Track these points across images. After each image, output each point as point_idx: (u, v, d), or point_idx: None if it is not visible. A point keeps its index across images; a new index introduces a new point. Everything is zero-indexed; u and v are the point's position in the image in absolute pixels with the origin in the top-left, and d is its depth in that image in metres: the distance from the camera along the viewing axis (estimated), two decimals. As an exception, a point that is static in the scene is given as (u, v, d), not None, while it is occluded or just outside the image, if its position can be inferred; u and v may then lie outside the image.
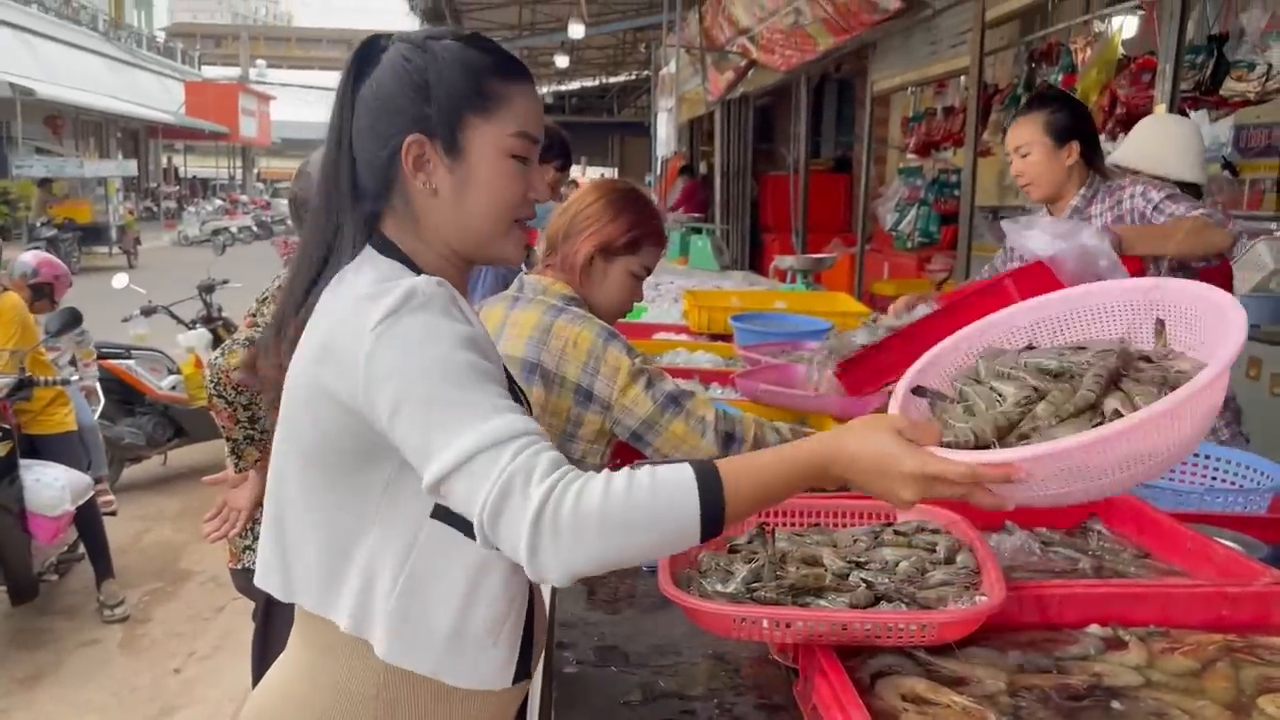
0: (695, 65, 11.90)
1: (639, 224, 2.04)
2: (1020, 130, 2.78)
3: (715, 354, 3.50)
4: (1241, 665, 1.28)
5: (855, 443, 1.08)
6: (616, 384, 1.86)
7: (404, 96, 1.19)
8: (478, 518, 1.02)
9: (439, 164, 1.20)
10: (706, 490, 1.03)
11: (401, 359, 1.06)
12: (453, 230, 1.23)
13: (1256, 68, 4.74)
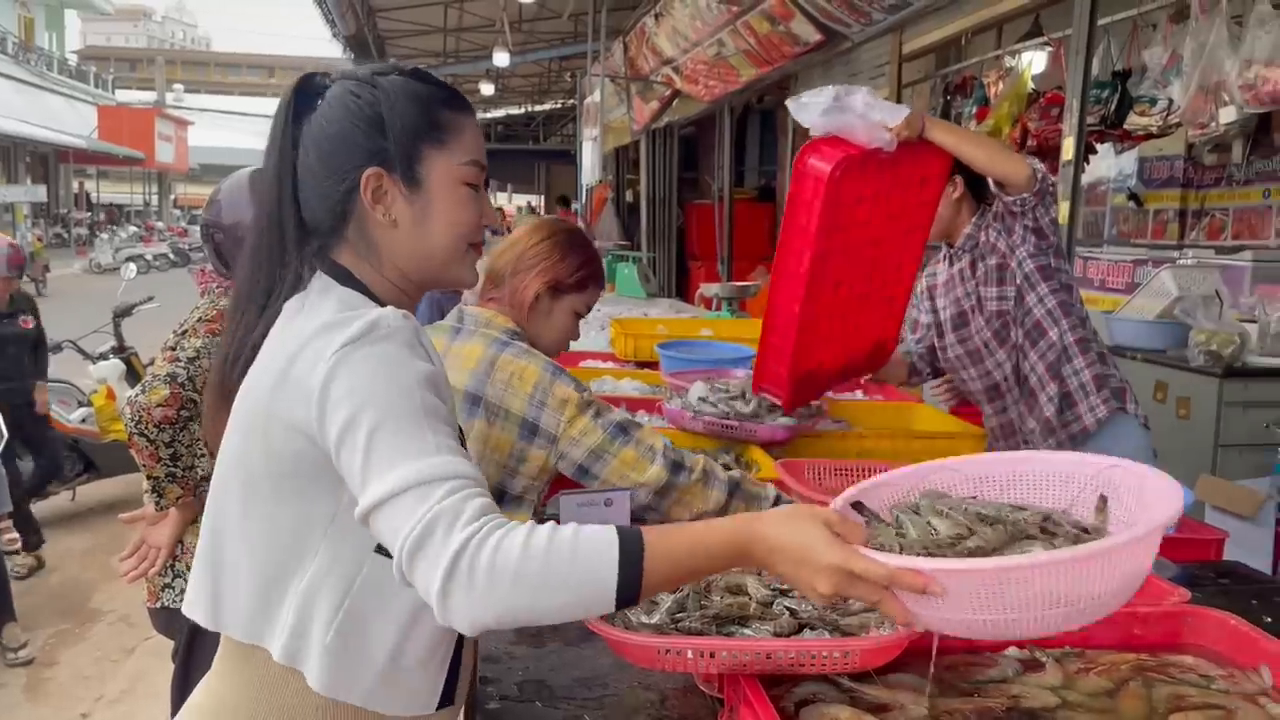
0: (620, 94, 12.01)
1: (586, 264, 2.09)
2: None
3: (642, 381, 3.51)
4: (1153, 684, 1.31)
5: (780, 529, 1.08)
6: (564, 415, 1.86)
7: (359, 131, 1.21)
8: (397, 553, 1.02)
9: (398, 196, 1.23)
10: (626, 560, 1.03)
11: (357, 385, 1.07)
12: (411, 259, 1.26)
13: (1158, 102, 4.94)
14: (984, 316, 2.78)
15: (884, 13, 6.23)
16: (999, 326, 2.77)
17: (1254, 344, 4.29)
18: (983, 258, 2.75)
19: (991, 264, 2.73)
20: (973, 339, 2.83)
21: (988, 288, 2.76)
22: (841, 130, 2.20)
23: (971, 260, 2.79)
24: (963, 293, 2.82)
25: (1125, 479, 1.22)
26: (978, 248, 2.77)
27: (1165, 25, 4.99)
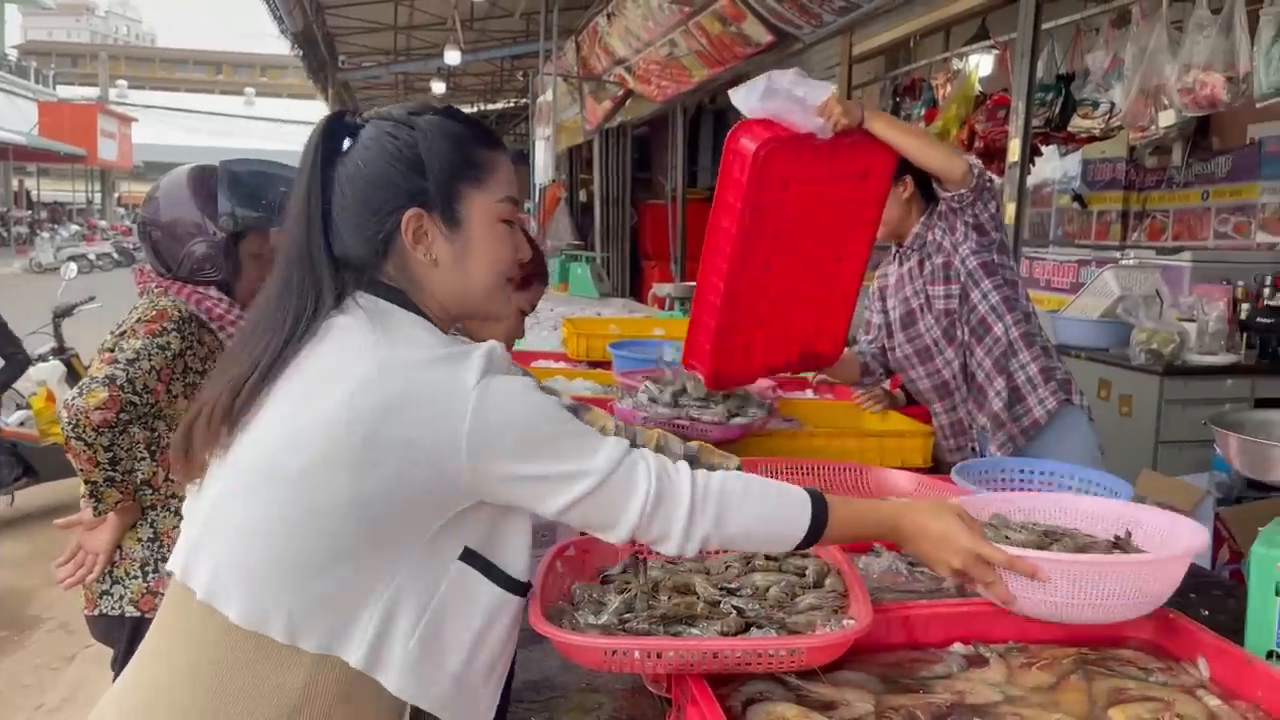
0: (573, 94, 11.97)
1: (530, 262, 2.05)
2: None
3: (594, 381, 3.50)
4: (1094, 677, 1.33)
5: (928, 517, 1.34)
6: None
7: (397, 173, 1.24)
8: (636, 515, 1.18)
9: (438, 235, 1.26)
10: (818, 510, 1.27)
11: (517, 407, 1.16)
12: (451, 295, 1.29)
13: (1100, 106, 5.03)
14: (932, 315, 2.81)
15: (834, 14, 6.28)
16: (946, 325, 2.79)
17: (1193, 342, 4.39)
18: (929, 256, 2.78)
19: (938, 262, 2.75)
20: (922, 338, 2.85)
21: (935, 286, 2.78)
22: (778, 115, 2.23)
23: (919, 259, 2.81)
24: (911, 292, 2.84)
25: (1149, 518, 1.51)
26: (924, 246, 2.79)
27: (1107, 30, 5.09)
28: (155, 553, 2.21)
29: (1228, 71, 4.03)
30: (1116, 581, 1.32)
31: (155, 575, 2.20)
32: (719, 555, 1.56)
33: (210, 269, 2.25)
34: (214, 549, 1.19)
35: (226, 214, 2.22)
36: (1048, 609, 1.36)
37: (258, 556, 1.16)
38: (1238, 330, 4.50)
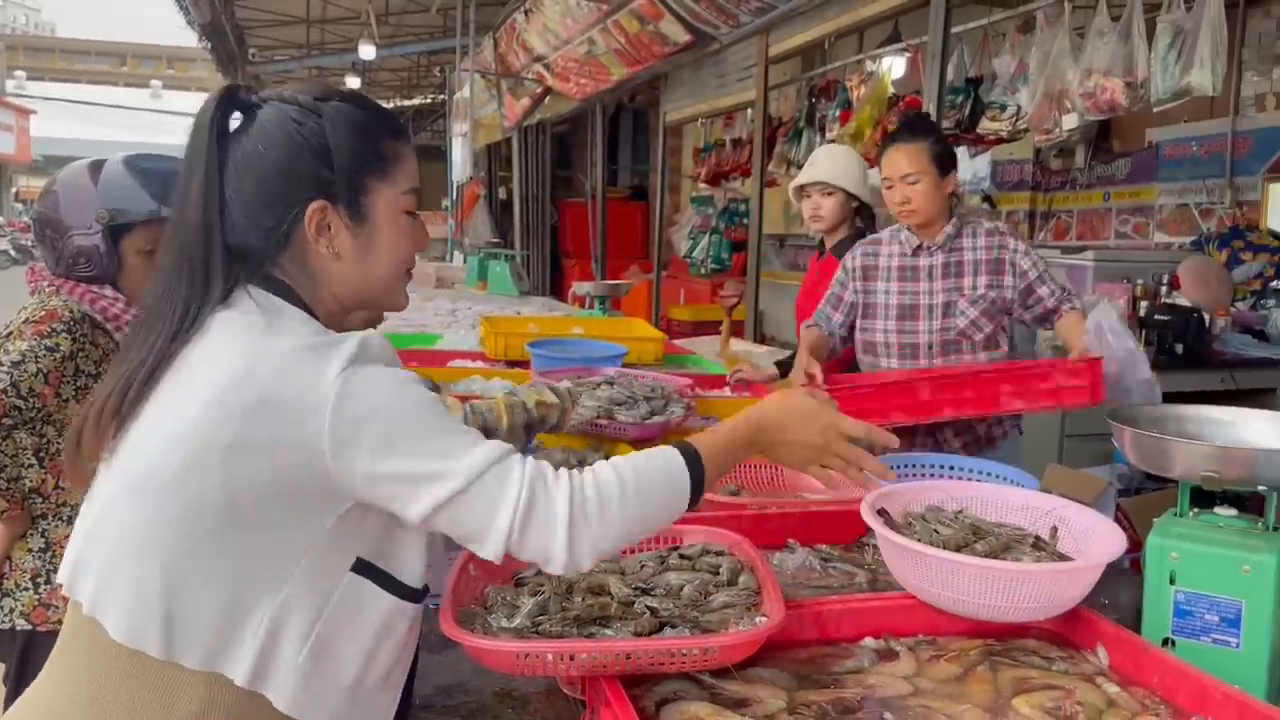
0: (491, 91, 11.87)
1: None
2: (904, 158, 2.76)
3: (512, 381, 3.46)
4: (999, 668, 1.36)
5: (783, 404, 1.32)
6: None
7: (303, 162, 1.19)
8: (506, 526, 1.09)
9: (342, 228, 1.21)
10: (692, 465, 1.21)
11: (377, 403, 1.09)
12: (350, 288, 1.25)
13: (1008, 108, 5.16)
14: (937, 322, 2.83)
15: (751, 15, 6.33)
16: (954, 338, 2.84)
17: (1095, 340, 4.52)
18: (963, 272, 2.82)
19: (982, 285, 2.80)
20: (917, 335, 2.87)
21: (970, 305, 2.81)
22: None
23: (944, 261, 2.84)
24: (925, 289, 2.86)
25: (1074, 515, 1.56)
26: (953, 252, 2.83)
27: (1013, 35, 5.23)
28: (47, 563, 2.12)
29: (1126, 77, 4.17)
30: (1035, 587, 1.35)
31: (47, 587, 2.11)
32: (634, 554, 1.55)
33: (85, 263, 2.13)
34: (98, 558, 1.13)
35: (106, 207, 2.12)
36: (964, 608, 1.40)
37: (135, 565, 1.09)
38: (1138, 327, 4.66)
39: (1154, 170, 6.91)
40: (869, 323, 2.95)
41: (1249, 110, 6.32)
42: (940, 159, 2.77)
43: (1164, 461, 1.41)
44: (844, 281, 2.99)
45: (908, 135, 2.80)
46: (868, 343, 2.97)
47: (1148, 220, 6.98)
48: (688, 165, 10.30)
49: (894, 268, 2.90)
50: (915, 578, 1.43)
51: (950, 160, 2.80)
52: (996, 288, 2.81)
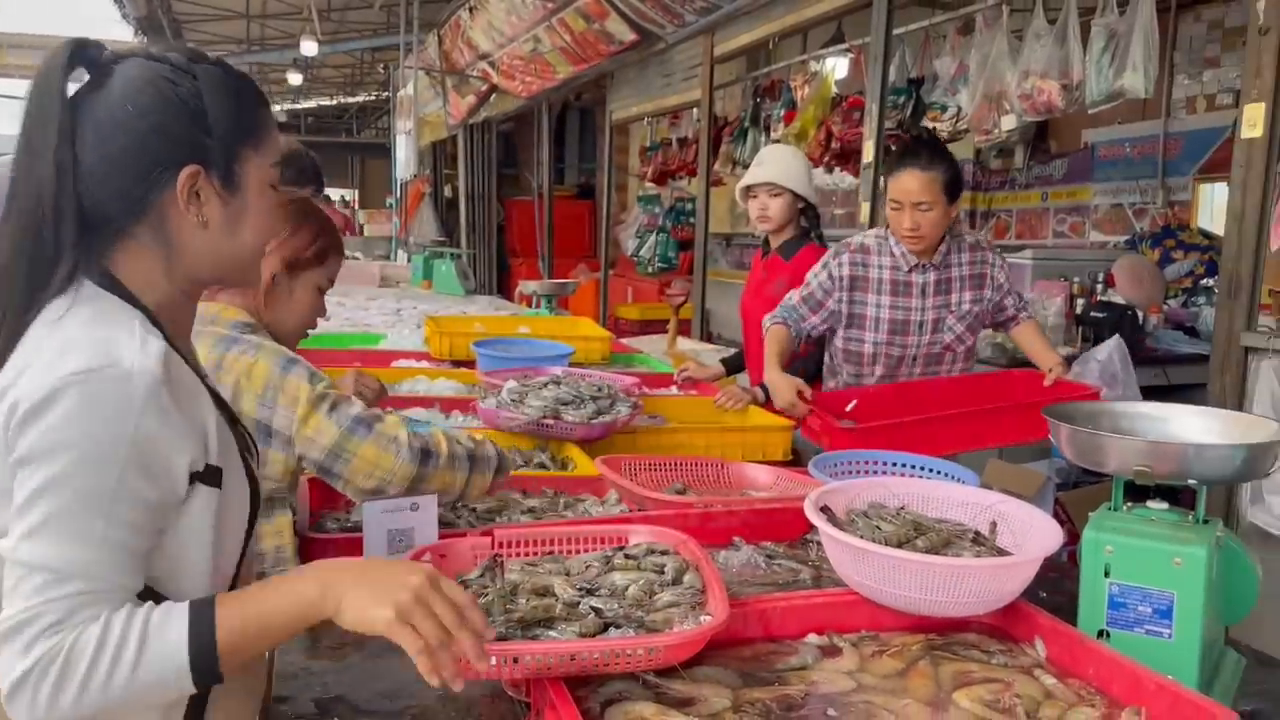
0: (436, 88, 11.78)
1: (323, 234, 1.94)
2: (917, 184, 2.73)
3: (457, 381, 3.44)
4: (940, 662, 1.38)
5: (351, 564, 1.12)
6: (296, 414, 1.70)
7: (179, 124, 1.11)
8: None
9: (213, 196, 1.14)
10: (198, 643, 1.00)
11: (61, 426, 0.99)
12: (213, 261, 1.17)
13: (948, 109, 5.24)
14: (926, 337, 2.91)
15: (696, 15, 6.36)
16: (939, 351, 2.94)
17: (1034, 336, 4.61)
18: (952, 289, 2.90)
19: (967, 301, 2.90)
20: (906, 349, 2.93)
21: (957, 320, 2.91)
22: None
23: (936, 279, 2.89)
24: (917, 305, 2.90)
25: (1013, 511, 1.58)
26: (948, 269, 2.90)
27: (953, 37, 5.31)
28: None
29: (1062, 79, 4.25)
30: (974, 582, 1.37)
31: None
32: (579, 554, 1.55)
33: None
34: None
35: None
36: (906, 604, 1.41)
37: None
38: (1075, 324, 4.76)
39: (1089, 171, 7.07)
40: (856, 333, 2.95)
41: (1180, 112, 6.49)
42: (950, 186, 2.76)
43: (1098, 457, 1.44)
44: (829, 289, 2.94)
45: (924, 161, 2.75)
46: (852, 352, 2.98)
47: (1084, 220, 7.13)
48: (634, 164, 10.32)
49: (885, 281, 2.90)
50: (857, 574, 1.44)
51: (958, 186, 2.81)
52: (979, 302, 2.92)
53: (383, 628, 1.04)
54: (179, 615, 1.01)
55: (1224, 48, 6.12)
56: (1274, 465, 1.41)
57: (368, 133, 24.03)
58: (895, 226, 2.83)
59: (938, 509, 1.67)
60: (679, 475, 2.30)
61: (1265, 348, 3.06)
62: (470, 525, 1.95)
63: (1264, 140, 3.07)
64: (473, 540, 1.56)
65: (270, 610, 1.05)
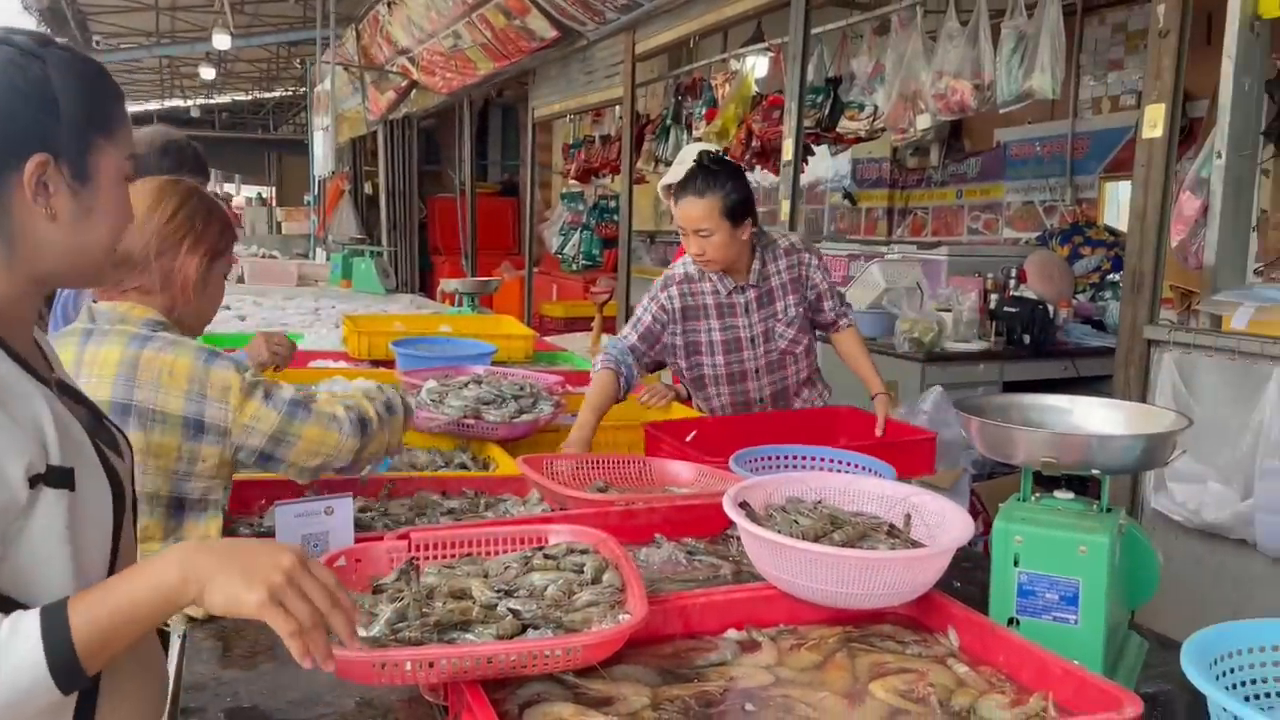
0: (354, 83, 11.58)
1: (225, 221, 1.90)
2: (696, 212, 2.73)
3: (376, 381, 3.38)
4: (857, 654, 1.39)
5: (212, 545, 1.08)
6: (230, 403, 1.67)
7: (27, 111, 1.05)
8: None
9: (62, 187, 1.08)
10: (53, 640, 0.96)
11: None
12: (59, 257, 1.11)
13: (865, 108, 5.33)
14: (760, 349, 2.96)
15: (617, 12, 6.35)
16: (777, 358, 2.98)
17: (950, 331, 4.72)
18: (774, 299, 2.95)
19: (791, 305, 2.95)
20: (745, 364, 2.97)
21: (786, 326, 2.96)
22: None
23: (757, 295, 2.93)
24: (744, 323, 2.94)
25: (927, 503, 1.61)
26: (767, 281, 2.94)
27: (870, 37, 5.39)
28: None
29: (974, 79, 4.36)
30: (888, 574, 1.39)
31: None
32: (498, 555, 1.53)
33: None
34: None
35: None
36: (823, 597, 1.43)
37: None
38: (988, 319, 4.88)
39: (1002, 169, 7.25)
40: (696, 359, 2.98)
41: (1086, 113, 6.69)
42: (733, 211, 2.73)
43: (1007, 449, 1.47)
44: (664, 323, 2.92)
45: (699, 188, 2.74)
46: (698, 378, 3.02)
47: (997, 217, 7.31)
48: (558, 161, 10.28)
49: (712, 306, 2.93)
50: (775, 568, 1.45)
51: (745, 207, 2.77)
52: (802, 303, 2.98)
53: (253, 610, 1.01)
54: (30, 620, 0.96)
55: (1127, 50, 6.33)
56: (1172, 454, 1.46)
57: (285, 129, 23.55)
58: (687, 250, 2.86)
59: (854, 502, 1.69)
60: (601, 473, 2.30)
61: (1167, 340, 3.17)
62: (388, 528, 1.92)
63: (1164, 140, 3.18)
64: (389, 543, 1.53)
65: (128, 601, 1.00)
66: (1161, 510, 3.15)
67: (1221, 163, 3.10)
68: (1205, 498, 3.00)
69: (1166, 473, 3.10)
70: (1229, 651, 1.23)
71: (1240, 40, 3.03)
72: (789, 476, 1.81)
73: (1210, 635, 1.24)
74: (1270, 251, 5.36)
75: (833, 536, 1.51)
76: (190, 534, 1.71)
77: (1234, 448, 2.92)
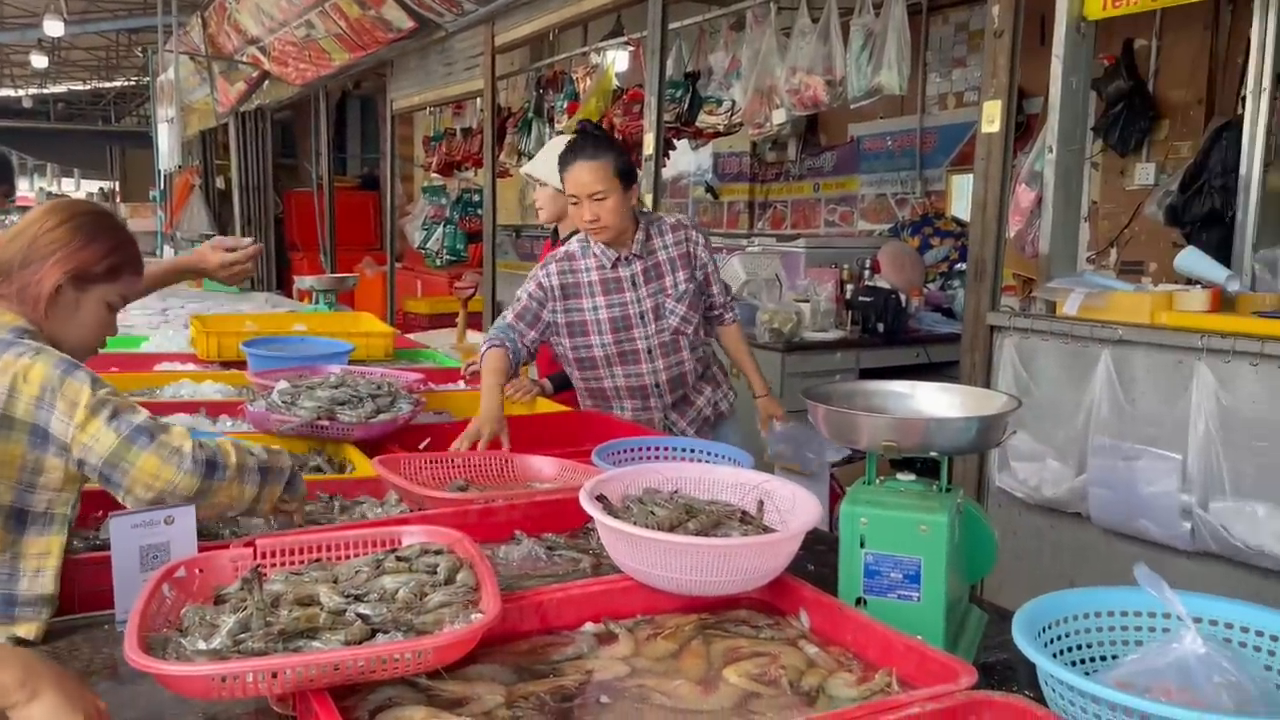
0: (202, 74, 11.10)
1: (118, 249, 1.83)
2: (589, 175, 2.71)
3: (226, 383, 3.26)
4: (712, 640, 1.42)
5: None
6: (74, 419, 1.59)
7: None
8: None
9: None
10: None
11: None
12: None
13: (723, 103, 5.41)
14: (652, 327, 2.89)
15: (475, 3, 6.27)
16: (670, 338, 2.91)
17: (808, 321, 4.85)
18: (662, 273, 2.89)
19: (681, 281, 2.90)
20: (636, 343, 2.90)
21: (676, 302, 2.89)
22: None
23: (643, 267, 2.87)
24: (632, 298, 2.87)
25: (778, 489, 1.64)
26: (653, 254, 2.88)
27: (726, 32, 5.48)
28: None
29: (827, 75, 4.48)
30: (741, 560, 1.42)
31: None
32: (347, 560, 1.49)
33: None
34: None
35: None
36: (677, 586, 1.45)
37: None
38: (844, 309, 5.03)
39: (856, 163, 7.48)
40: (582, 339, 2.91)
41: (933, 108, 6.96)
42: (624, 173, 2.76)
43: (851, 434, 1.52)
44: (542, 300, 2.88)
45: (590, 151, 2.75)
46: (585, 359, 2.94)
47: (852, 209, 7.54)
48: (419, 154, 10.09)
49: (595, 282, 2.88)
50: (631, 560, 1.46)
51: (632, 173, 2.81)
52: (691, 280, 2.94)
53: None
54: None
55: (970, 49, 6.61)
56: (1005, 435, 1.54)
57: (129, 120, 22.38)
58: (578, 221, 2.81)
59: (710, 491, 1.72)
60: (462, 471, 2.27)
61: (1007, 326, 3.33)
62: (235, 535, 1.85)
63: (1001, 135, 3.34)
64: (234, 551, 1.48)
65: None
66: (1005, 488, 3.31)
67: (1053, 156, 3.27)
68: (1044, 474, 3.17)
69: (1009, 452, 3.26)
70: (1057, 619, 1.31)
71: (1068, 41, 3.20)
72: (647, 468, 1.83)
73: (1039, 605, 1.31)
74: (1101, 240, 5.70)
75: (687, 526, 1.53)
76: (30, 549, 1.62)
77: (1069, 427, 3.09)
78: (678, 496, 1.67)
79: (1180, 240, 4.61)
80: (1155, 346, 2.88)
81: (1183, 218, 4.60)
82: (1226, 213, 4.18)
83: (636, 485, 1.69)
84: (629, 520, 1.52)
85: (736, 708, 1.25)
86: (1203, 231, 4.45)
